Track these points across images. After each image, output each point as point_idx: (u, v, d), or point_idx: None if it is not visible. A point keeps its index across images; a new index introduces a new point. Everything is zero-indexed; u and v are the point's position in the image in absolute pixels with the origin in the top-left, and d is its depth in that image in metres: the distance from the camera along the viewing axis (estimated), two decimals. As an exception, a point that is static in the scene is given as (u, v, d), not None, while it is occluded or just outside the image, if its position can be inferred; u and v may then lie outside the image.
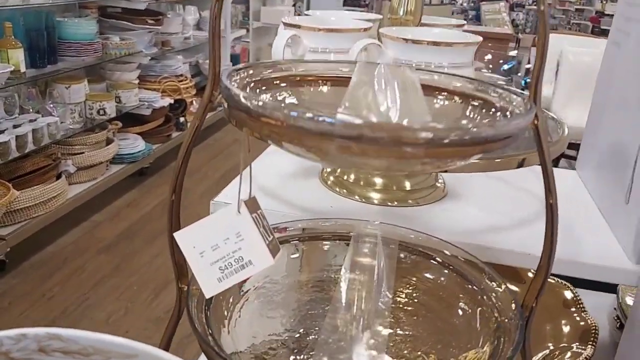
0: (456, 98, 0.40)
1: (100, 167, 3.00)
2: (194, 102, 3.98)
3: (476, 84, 0.39)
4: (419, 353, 0.41)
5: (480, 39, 0.52)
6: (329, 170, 0.67)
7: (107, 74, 3.21)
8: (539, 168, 0.77)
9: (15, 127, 2.48)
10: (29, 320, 2.12)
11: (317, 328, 0.42)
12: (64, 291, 2.32)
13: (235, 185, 0.46)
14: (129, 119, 3.29)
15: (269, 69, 0.41)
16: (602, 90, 0.72)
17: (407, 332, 0.44)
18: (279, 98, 0.39)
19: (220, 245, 0.38)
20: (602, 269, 0.53)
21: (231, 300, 0.45)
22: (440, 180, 0.68)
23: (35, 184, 2.56)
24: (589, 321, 0.73)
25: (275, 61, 0.44)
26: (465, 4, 5.71)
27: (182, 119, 3.79)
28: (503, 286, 0.43)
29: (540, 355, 0.67)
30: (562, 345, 0.69)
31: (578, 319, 0.74)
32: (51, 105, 2.75)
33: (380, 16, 0.65)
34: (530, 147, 0.58)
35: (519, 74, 3.08)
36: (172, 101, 3.57)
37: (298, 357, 0.39)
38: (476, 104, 0.39)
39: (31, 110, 2.70)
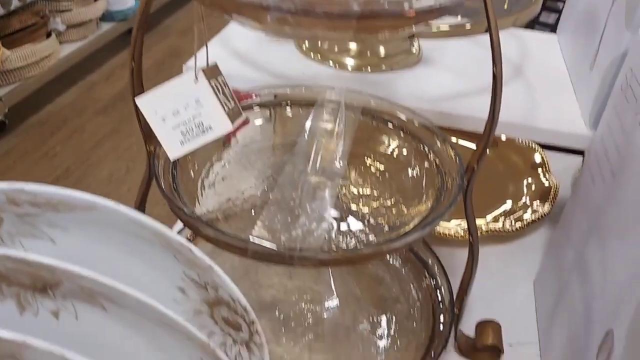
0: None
1: (90, 25, 2.92)
2: (185, -47, 3.73)
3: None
4: (367, 209, 0.45)
5: None
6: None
7: None
8: (518, 31, 0.76)
9: (-4, -19, 2.38)
10: (33, 177, 2.22)
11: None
12: (65, 150, 2.40)
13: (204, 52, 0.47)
14: (116, -28, 3.12)
15: None
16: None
17: (360, 191, 0.48)
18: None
19: (180, 111, 0.41)
20: (557, 133, 0.56)
21: (201, 164, 0.49)
22: (415, 46, 0.68)
23: (25, 42, 2.51)
24: (551, 181, 0.78)
25: None
26: None
27: (173, -28, 3.59)
28: (451, 150, 0.46)
29: (500, 210, 0.73)
30: (522, 202, 0.74)
31: (543, 179, 0.78)
32: (31, -43, 2.60)
33: None
34: (502, 13, 0.57)
35: None
36: (160, -48, 3.35)
37: (257, 213, 0.43)
38: None
39: (11, -38, 2.56)
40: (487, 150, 0.42)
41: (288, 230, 0.41)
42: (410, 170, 0.49)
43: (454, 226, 0.67)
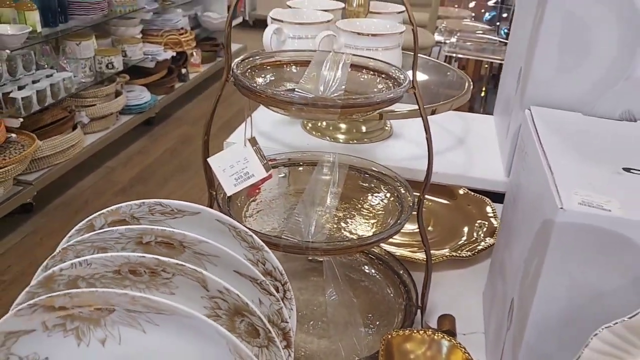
0: (374, 74, 0.66)
1: (111, 118, 3.25)
2: (194, 53, 4.17)
3: (386, 66, 0.65)
4: (345, 226, 0.69)
5: (403, 28, 0.77)
6: (306, 122, 0.94)
7: (112, 29, 3.41)
8: (462, 113, 1.04)
9: (34, 82, 2.72)
10: (61, 254, 2.43)
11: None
12: (89, 229, 2.63)
13: (240, 130, 0.72)
14: (134, 72, 3.51)
15: (260, 56, 0.67)
16: (508, 54, 0.98)
17: (342, 214, 0.72)
18: (266, 77, 0.65)
19: (234, 165, 0.65)
20: (486, 180, 0.81)
21: (243, 202, 0.73)
22: (387, 125, 0.95)
23: (54, 134, 2.82)
24: (497, 222, 1.01)
25: (264, 52, 0.70)
26: None
27: (183, 70, 4.00)
28: (404, 189, 0.71)
29: (459, 243, 0.96)
30: (475, 238, 0.98)
31: (492, 221, 1.02)
32: (64, 61, 2.97)
33: (342, 5, 0.89)
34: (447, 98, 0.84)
35: (498, 23, 3.25)
36: (174, 54, 3.77)
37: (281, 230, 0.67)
38: (383, 77, 0.65)
39: (46, 66, 2.93)
40: (428, 184, 0.67)
41: (302, 235, 0.64)
42: (381, 201, 0.73)
43: (422, 255, 0.90)
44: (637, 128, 0.71)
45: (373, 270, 0.82)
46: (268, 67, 0.66)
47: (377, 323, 0.75)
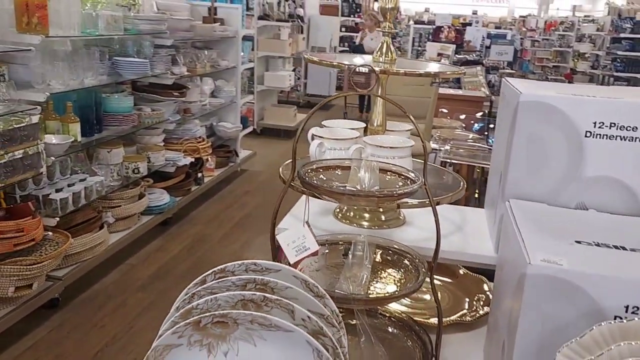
0: (394, 175, 0.93)
1: (133, 218, 3.51)
2: (209, 159, 4.53)
3: (404, 170, 0.93)
4: (377, 288, 0.93)
5: (412, 143, 1.06)
6: (337, 210, 1.19)
7: (138, 138, 3.78)
8: (459, 207, 1.30)
9: (69, 185, 3.01)
10: (87, 345, 2.58)
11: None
12: (112, 321, 2.79)
13: (286, 220, 0.98)
14: (156, 176, 3.83)
15: (314, 164, 0.95)
16: (492, 160, 1.26)
17: (374, 280, 0.95)
18: (320, 177, 0.92)
19: (295, 240, 0.90)
20: (476, 256, 1.05)
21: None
22: (401, 215, 1.21)
23: (84, 232, 3.06)
24: (492, 296, 1.23)
25: (315, 160, 0.98)
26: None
27: (199, 175, 4.33)
28: (419, 260, 0.95)
29: (463, 312, 1.18)
30: (473, 309, 1.20)
31: (489, 296, 1.24)
32: (97, 166, 3.29)
33: (364, 124, 1.19)
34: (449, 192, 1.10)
35: (486, 133, 3.63)
36: (192, 160, 4.13)
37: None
38: (402, 177, 0.92)
39: (79, 171, 3.24)
40: (438, 253, 0.91)
41: (348, 291, 0.88)
42: (401, 271, 0.97)
43: (433, 320, 1.12)
44: (588, 215, 0.96)
45: (395, 330, 1.03)
46: (318, 169, 0.93)
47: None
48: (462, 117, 3.93)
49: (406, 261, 0.99)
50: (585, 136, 0.95)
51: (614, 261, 0.77)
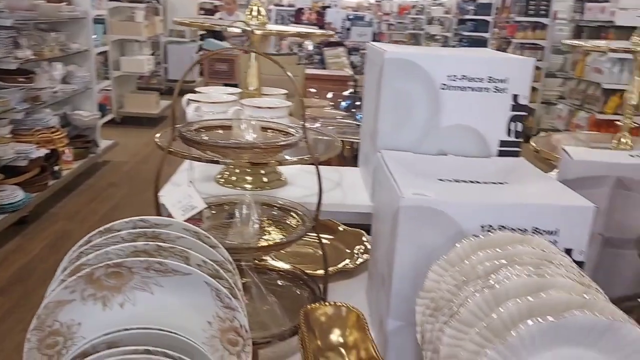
0: (275, 132, 0.97)
1: (-17, 218, 3.17)
2: (65, 150, 4.21)
3: (284, 127, 0.97)
4: (266, 239, 0.96)
5: (290, 103, 1.10)
6: (220, 176, 1.21)
7: (-19, 130, 3.40)
8: (337, 167, 1.38)
9: None
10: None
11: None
12: (-32, 329, 2.51)
13: (169, 187, 0.98)
14: (7, 171, 3.48)
15: (195, 124, 0.95)
16: (363, 122, 1.35)
17: (262, 234, 0.99)
18: (202, 136, 0.93)
19: (181, 200, 0.90)
20: (354, 206, 1.13)
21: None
22: (283, 176, 1.25)
23: None
24: (370, 246, 1.33)
25: (195, 121, 0.98)
26: (311, 49, 6.39)
27: (56, 168, 4.01)
28: (303, 213, 1.00)
29: (342, 263, 1.26)
30: (356, 257, 1.28)
31: (367, 246, 1.34)
32: None
33: (240, 90, 1.21)
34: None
35: (353, 110, 3.82)
36: (47, 152, 3.81)
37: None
38: (284, 133, 0.96)
39: None
40: (321, 203, 0.97)
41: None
42: (287, 223, 1.01)
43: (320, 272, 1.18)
44: (447, 159, 1.09)
45: (285, 282, 1.08)
46: (202, 130, 0.94)
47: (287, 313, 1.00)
48: (330, 95, 4.08)
49: (291, 214, 1.03)
50: (441, 89, 1.07)
51: (471, 191, 0.89)
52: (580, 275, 0.72)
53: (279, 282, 1.09)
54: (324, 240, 1.34)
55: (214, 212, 1.03)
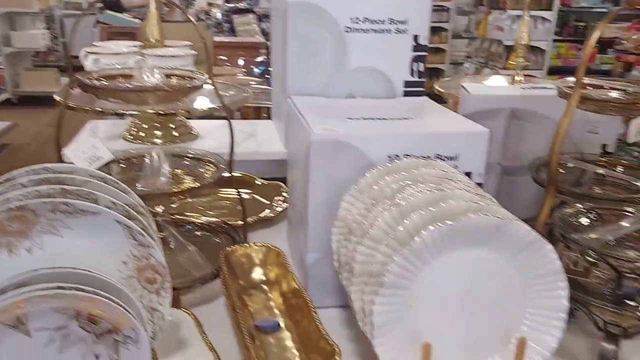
0: (180, 78, 0.95)
1: None
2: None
3: (189, 73, 0.95)
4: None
5: (194, 52, 1.08)
6: (127, 132, 1.17)
7: None
8: (250, 120, 1.37)
9: None
10: None
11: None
12: None
13: (74, 144, 0.94)
14: None
15: (95, 73, 0.91)
16: (273, 75, 1.36)
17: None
18: (104, 82, 0.90)
19: (86, 151, 0.87)
20: (269, 153, 1.14)
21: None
22: (194, 130, 1.24)
23: None
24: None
25: (95, 70, 0.94)
26: (219, 17, 6.21)
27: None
28: (215, 159, 1.00)
29: (262, 213, 1.27)
30: (274, 208, 1.30)
31: (285, 196, 1.36)
32: None
33: (139, 43, 1.17)
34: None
35: (267, 76, 3.79)
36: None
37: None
38: (188, 78, 0.95)
39: None
40: (233, 161, 0.97)
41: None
42: (200, 171, 1.01)
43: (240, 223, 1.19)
44: (355, 101, 1.12)
45: (204, 233, 1.08)
46: (102, 79, 0.91)
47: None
48: (241, 62, 4.02)
49: (204, 163, 1.03)
50: (345, 31, 1.09)
51: (378, 125, 0.93)
52: (477, 189, 0.78)
53: (198, 233, 1.09)
54: (242, 195, 1.35)
55: (123, 165, 1.01)
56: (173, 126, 1.17)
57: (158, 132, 1.16)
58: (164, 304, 0.71)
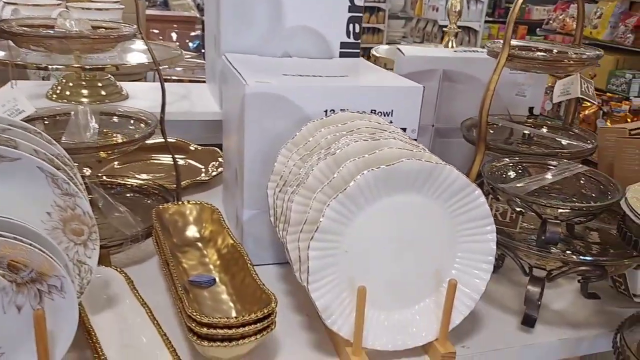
0: (108, 29, 0.91)
1: None
2: None
3: (115, 24, 0.91)
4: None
5: (121, 6, 1.04)
6: (51, 92, 1.11)
7: None
8: (184, 83, 1.34)
9: None
10: None
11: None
12: None
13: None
14: None
15: (13, 22, 0.85)
16: (206, 41, 1.32)
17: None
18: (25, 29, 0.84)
19: (5, 104, 0.82)
20: (203, 114, 1.12)
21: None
22: (124, 91, 1.19)
23: None
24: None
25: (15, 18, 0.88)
26: None
27: None
28: (146, 117, 0.97)
29: (197, 177, 1.24)
30: (210, 172, 1.27)
31: (221, 162, 1.33)
32: None
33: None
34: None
35: (203, 50, 3.70)
36: None
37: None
38: (116, 29, 0.90)
39: None
40: (164, 106, 0.93)
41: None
42: (130, 128, 0.97)
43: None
44: (291, 60, 1.11)
45: (135, 194, 1.05)
46: (23, 27, 0.85)
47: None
48: (175, 37, 3.90)
49: (135, 121, 0.99)
50: (281, -11, 1.07)
51: (313, 80, 0.92)
52: (411, 140, 0.79)
53: (129, 195, 1.05)
54: (177, 161, 1.31)
55: (47, 122, 0.95)
56: (101, 85, 1.12)
57: (85, 91, 1.11)
58: (92, 256, 0.68)
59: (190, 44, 4.08)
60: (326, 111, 0.88)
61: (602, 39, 3.76)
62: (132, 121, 0.99)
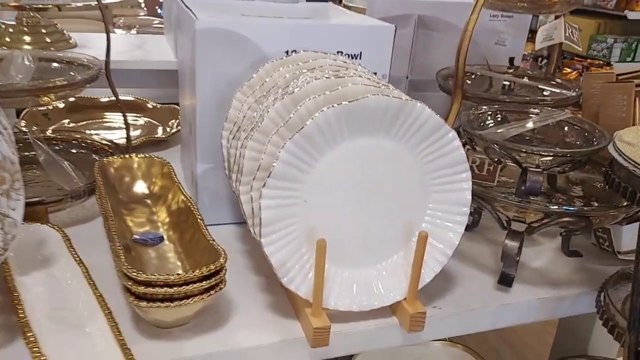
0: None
1: None
2: None
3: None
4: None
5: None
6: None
7: None
8: (141, 35, 1.23)
9: None
10: None
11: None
12: None
13: None
14: None
15: None
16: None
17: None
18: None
19: None
20: (159, 62, 1.02)
21: None
22: (72, 39, 1.08)
23: None
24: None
25: None
26: None
27: None
28: (88, 60, 0.87)
29: (154, 135, 1.15)
30: (168, 131, 1.18)
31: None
32: None
33: None
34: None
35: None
36: None
37: None
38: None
39: None
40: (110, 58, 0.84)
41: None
42: (73, 73, 0.88)
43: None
44: (253, 2, 1.01)
45: (80, 150, 0.96)
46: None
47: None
48: (142, 2, 3.73)
49: (76, 66, 0.89)
50: None
51: (274, 21, 0.83)
52: (378, 79, 0.72)
53: (74, 151, 0.96)
54: (131, 120, 1.22)
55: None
56: (45, 31, 1.02)
57: (27, 38, 1.00)
58: (16, 208, 0.60)
59: (160, 11, 3.92)
60: (287, 51, 0.79)
61: (584, 2, 3.69)
62: (74, 66, 0.89)
